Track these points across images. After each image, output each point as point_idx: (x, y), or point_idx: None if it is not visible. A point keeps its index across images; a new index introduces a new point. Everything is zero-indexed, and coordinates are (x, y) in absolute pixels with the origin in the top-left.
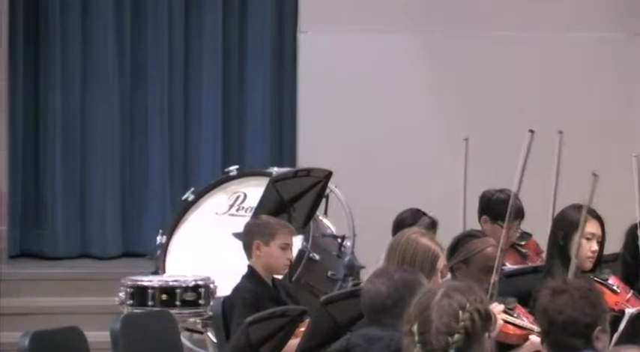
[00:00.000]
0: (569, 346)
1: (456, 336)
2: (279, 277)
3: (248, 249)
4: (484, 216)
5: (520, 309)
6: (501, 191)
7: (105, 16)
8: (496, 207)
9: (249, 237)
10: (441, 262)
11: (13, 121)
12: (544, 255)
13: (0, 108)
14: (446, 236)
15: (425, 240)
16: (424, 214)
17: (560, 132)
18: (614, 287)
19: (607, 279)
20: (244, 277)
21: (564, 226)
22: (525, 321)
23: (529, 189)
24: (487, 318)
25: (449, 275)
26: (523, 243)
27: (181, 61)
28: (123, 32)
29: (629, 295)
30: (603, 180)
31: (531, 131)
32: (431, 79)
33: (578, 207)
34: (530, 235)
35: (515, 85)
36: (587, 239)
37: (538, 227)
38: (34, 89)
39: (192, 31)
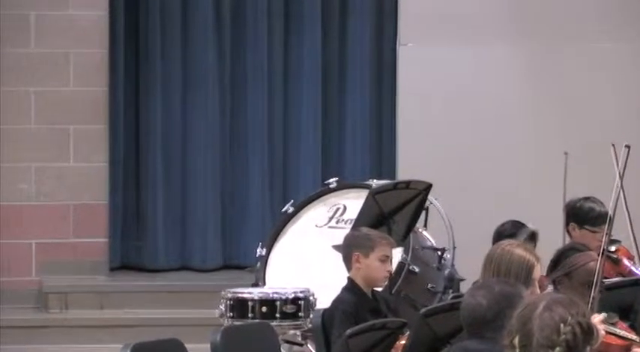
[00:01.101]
0: None
1: (557, 349)
2: (379, 289)
3: (348, 260)
4: (572, 224)
5: (622, 325)
6: (586, 198)
7: (205, 30)
8: (582, 213)
9: (348, 249)
10: (538, 272)
11: (113, 134)
12: (636, 260)
13: (100, 121)
14: (545, 248)
15: (519, 251)
16: (524, 226)
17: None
18: None
19: None
20: (344, 289)
21: None
22: (620, 330)
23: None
24: (589, 332)
25: (550, 287)
26: (613, 248)
27: (281, 74)
28: (223, 47)
29: None
30: None
31: (627, 146)
32: (531, 91)
33: None
34: (619, 241)
35: (615, 97)
36: None
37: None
38: (135, 102)
39: (292, 44)
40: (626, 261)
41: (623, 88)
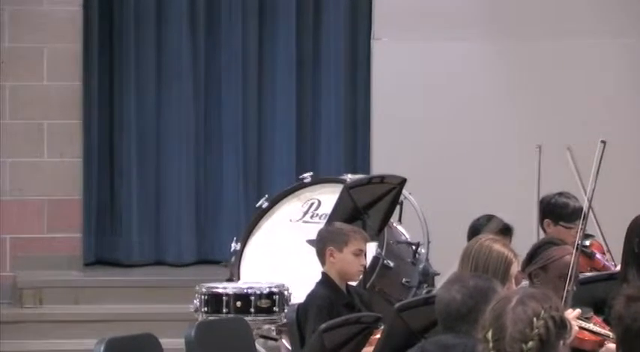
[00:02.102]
0: None
1: (530, 344)
2: (354, 284)
3: (321, 255)
4: (546, 220)
5: (596, 319)
6: (560, 194)
7: (179, 23)
8: (556, 209)
9: (322, 244)
10: (515, 268)
11: (87, 129)
12: (609, 256)
13: (74, 116)
14: (520, 242)
15: (498, 246)
16: (500, 220)
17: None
18: None
19: None
20: (318, 283)
21: (638, 232)
22: (594, 326)
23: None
24: (562, 326)
25: (524, 282)
26: (587, 243)
27: (255, 68)
28: (197, 42)
29: None
30: None
31: (603, 142)
32: (505, 85)
33: None
34: (592, 236)
35: (591, 91)
36: None
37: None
38: (109, 97)
39: (266, 38)
40: (599, 256)
41: (597, 83)
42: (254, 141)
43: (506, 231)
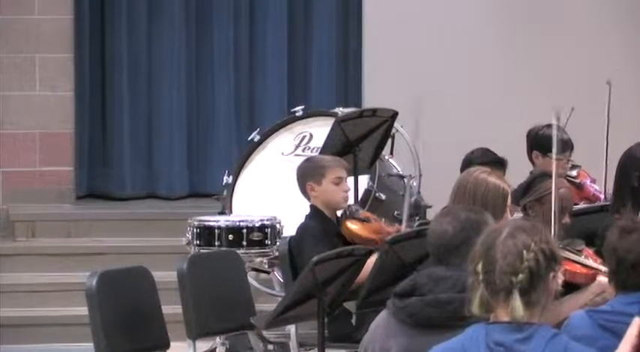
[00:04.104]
0: (637, 285)
1: (520, 276)
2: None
3: (304, 191)
4: (535, 152)
5: (588, 251)
6: (548, 126)
7: None
8: (545, 141)
9: (302, 180)
10: (509, 201)
11: (79, 62)
12: (597, 183)
13: (66, 50)
14: (515, 176)
15: (493, 179)
16: (494, 153)
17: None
18: None
19: None
20: (308, 216)
21: (636, 166)
22: (586, 259)
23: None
24: (552, 258)
25: (516, 214)
26: (574, 173)
27: (247, 0)
28: None
29: None
30: None
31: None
32: (501, 19)
33: None
34: (579, 166)
35: (589, 28)
36: None
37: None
38: (100, 30)
39: None
40: (588, 184)
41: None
42: (246, 74)
43: (500, 164)
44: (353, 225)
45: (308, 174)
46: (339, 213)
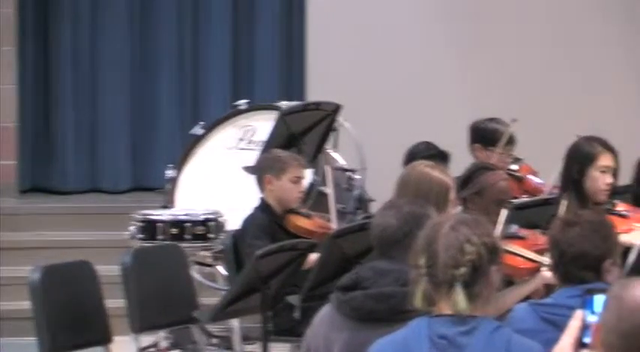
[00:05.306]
0: (579, 278)
1: (462, 269)
2: None
3: (260, 183)
4: (476, 145)
5: (522, 230)
6: (491, 119)
7: None
8: (487, 134)
9: (260, 172)
10: (453, 194)
11: (22, 55)
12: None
13: (8, 43)
14: (455, 169)
15: (437, 173)
16: (437, 147)
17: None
18: (623, 213)
19: (614, 206)
20: (257, 208)
21: (578, 159)
22: (529, 252)
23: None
24: (494, 251)
25: (458, 208)
26: (516, 167)
27: None
28: None
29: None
30: (616, 113)
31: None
32: (445, 14)
33: (591, 139)
34: (521, 159)
35: (532, 22)
36: (602, 172)
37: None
38: (44, 23)
39: None
40: (530, 177)
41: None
42: (189, 68)
43: (443, 157)
44: (298, 219)
45: (269, 167)
46: None
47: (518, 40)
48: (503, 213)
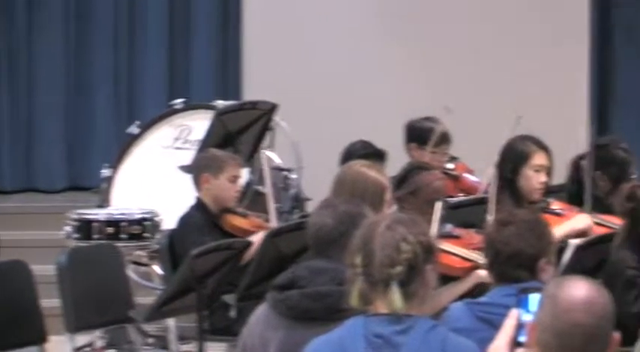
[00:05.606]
0: (514, 277)
1: (398, 268)
2: None
3: (197, 181)
4: (412, 144)
5: (457, 229)
6: (427, 118)
7: None
8: (422, 133)
9: (197, 170)
10: (388, 194)
11: None
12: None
13: None
14: (392, 169)
15: (373, 173)
16: (374, 146)
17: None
18: (557, 211)
19: (549, 205)
20: (193, 207)
21: (512, 158)
22: (464, 251)
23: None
24: (430, 250)
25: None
26: (452, 166)
27: None
28: None
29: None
30: (550, 112)
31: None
32: (380, 12)
33: (524, 138)
34: (457, 158)
35: (468, 19)
36: (536, 171)
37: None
38: None
39: None
40: (466, 176)
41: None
42: (125, 67)
43: (379, 156)
44: (234, 219)
45: (207, 166)
46: None
47: (452, 38)
48: (437, 212)
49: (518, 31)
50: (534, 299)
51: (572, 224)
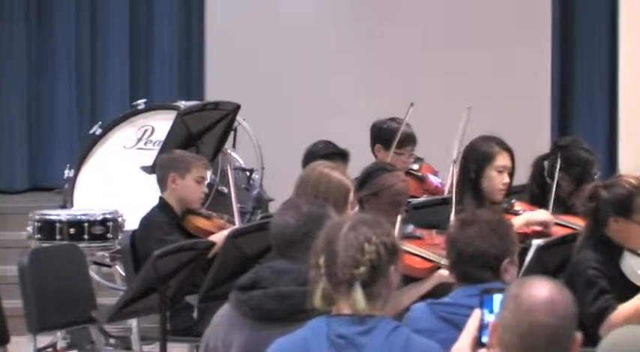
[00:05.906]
0: (477, 278)
1: (362, 269)
2: None
3: (162, 182)
4: (377, 145)
5: (419, 230)
6: (392, 119)
7: None
8: (388, 134)
9: (164, 171)
10: (352, 196)
11: None
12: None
13: None
14: (354, 169)
15: (336, 174)
16: (337, 146)
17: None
18: (520, 212)
19: (512, 206)
20: (156, 207)
21: (476, 159)
22: (426, 251)
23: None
24: (393, 251)
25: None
26: (417, 167)
27: None
28: None
29: None
30: (512, 113)
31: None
32: (346, 13)
33: (488, 139)
34: (422, 159)
35: (440, 14)
36: (499, 171)
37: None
38: None
39: None
40: (431, 177)
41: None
42: (87, 68)
43: (342, 156)
44: (198, 220)
45: (173, 166)
46: None
47: (419, 40)
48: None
49: (480, 31)
50: (498, 299)
51: (529, 215)
